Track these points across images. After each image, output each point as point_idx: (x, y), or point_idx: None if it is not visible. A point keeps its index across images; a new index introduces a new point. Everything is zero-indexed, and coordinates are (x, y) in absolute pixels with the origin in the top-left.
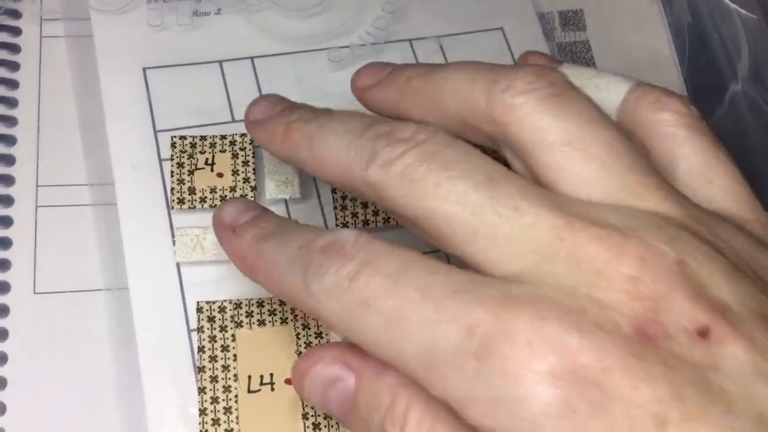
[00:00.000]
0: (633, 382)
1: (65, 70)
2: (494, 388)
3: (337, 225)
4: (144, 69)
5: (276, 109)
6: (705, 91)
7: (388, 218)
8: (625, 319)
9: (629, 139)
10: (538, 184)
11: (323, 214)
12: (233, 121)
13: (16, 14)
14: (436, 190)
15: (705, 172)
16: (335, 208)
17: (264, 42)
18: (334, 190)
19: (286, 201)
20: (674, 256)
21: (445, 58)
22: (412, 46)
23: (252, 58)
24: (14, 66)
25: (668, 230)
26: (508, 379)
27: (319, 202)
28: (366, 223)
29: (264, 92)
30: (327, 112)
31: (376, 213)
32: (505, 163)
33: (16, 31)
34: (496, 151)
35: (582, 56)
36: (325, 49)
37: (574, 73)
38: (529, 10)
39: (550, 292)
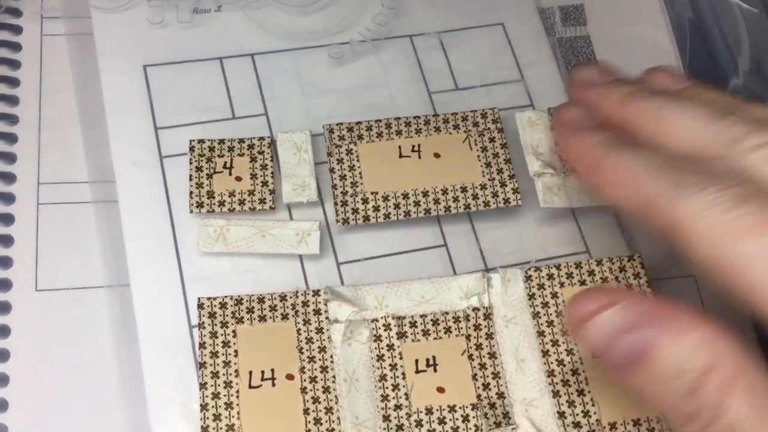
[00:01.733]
0: None
1: (66, 68)
2: None
3: (337, 221)
4: (144, 66)
5: (606, 78)
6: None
7: (388, 214)
8: None
9: None
10: None
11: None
12: (234, 117)
13: (17, 12)
14: None
15: None
16: (335, 204)
17: (264, 39)
18: (334, 186)
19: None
20: None
21: (446, 54)
22: (412, 41)
23: (252, 55)
24: (15, 64)
25: None
26: None
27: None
28: (366, 219)
29: (264, 89)
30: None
31: (376, 209)
32: None
33: (17, 30)
34: None
35: (583, 51)
36: (325, 45)
37: None
38: (530, 5)
39: None
